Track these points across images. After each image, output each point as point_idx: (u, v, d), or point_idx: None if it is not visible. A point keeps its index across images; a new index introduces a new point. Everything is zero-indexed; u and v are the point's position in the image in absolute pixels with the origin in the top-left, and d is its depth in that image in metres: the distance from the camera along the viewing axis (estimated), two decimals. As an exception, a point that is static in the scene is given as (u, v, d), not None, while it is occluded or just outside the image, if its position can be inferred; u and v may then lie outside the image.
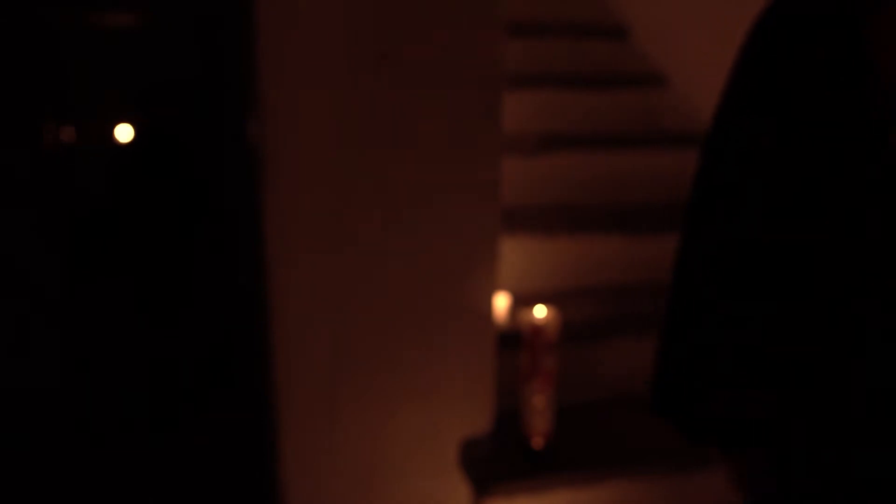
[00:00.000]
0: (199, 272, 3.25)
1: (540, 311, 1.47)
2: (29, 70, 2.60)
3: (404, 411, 1.50)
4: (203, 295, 3.17)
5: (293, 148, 1.37)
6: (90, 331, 2.99)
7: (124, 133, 3.37)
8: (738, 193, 0.71)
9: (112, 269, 3.31)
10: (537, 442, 1.50)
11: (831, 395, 0.67)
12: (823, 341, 0.67)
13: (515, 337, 1.53)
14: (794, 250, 0.67)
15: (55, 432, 2.48)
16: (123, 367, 3.00)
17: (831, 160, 0.65)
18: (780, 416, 0.71)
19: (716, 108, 0.74)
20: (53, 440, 2.43)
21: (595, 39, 2.67)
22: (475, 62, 1.42)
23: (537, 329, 1.46)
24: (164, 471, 2.25)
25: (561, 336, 1.51)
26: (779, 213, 0.68)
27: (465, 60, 1.41)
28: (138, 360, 3.04)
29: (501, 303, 1.71)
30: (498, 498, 1.45)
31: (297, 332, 1.43)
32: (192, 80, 3.17)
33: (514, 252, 1.84)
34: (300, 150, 1.37)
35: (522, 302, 1.74)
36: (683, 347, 0.77)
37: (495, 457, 1.52)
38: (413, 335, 1.48)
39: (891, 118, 0.62)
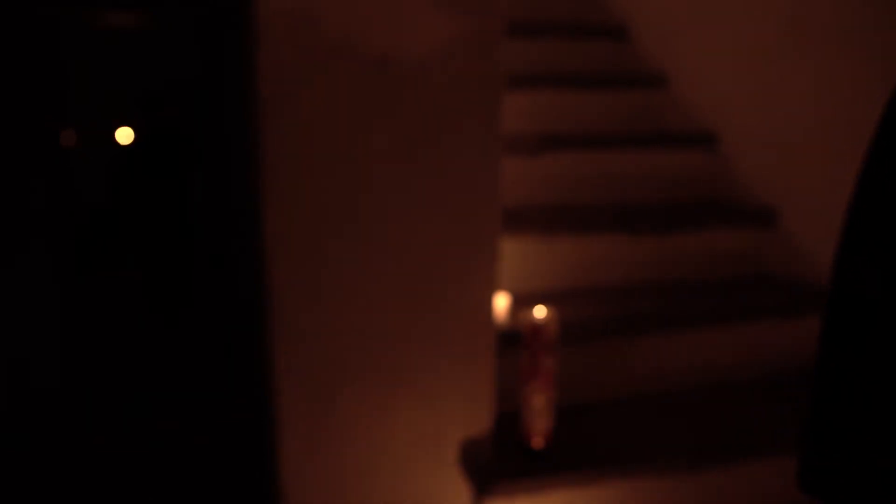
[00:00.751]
0: (199, 272, 3.25)
1: (540, 311, 1.47)
2: (30, 70, 2.60)
3: (404, 411, 1.50)
4: (203, 295, 3.18)
5: (292, 147, 1.37)
6: (90, 330, 3.00)
7: (124, 134, 3.37)
8: None
9: (112, 269, 3.32)
10: (537, 442, 1.50)
11: None
12: None
13: (515, 337, 1.53)
14: None
15: (54, 431, 2.48)
16: (123, 366, 3.00)
17: None
18: None
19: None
20: (52, 439, 2.43)
21: (595, 39, 2.67)
22: (475, 62, 1.42)
23: (537, 329, 1.46)
24: (164, 471, 2.25)
25: (561, 336, 1.51)
26: None
27: (465, 60, 1.41)
28: (138, 359, 3.04)
29: (501, 303, 1.71)
30: (498, 498, 1.45)
31: (296, 333, 1.43)
32: (192, 81, 3.17)
33: (514, 252, 1.84)
34: (299, 150, 1.37)
35: (522, 302, 1.74)
36: (855, 431, 0.64)
37: (495, 457, 1.52)
38: (413, 335, 1.48)
39: None
